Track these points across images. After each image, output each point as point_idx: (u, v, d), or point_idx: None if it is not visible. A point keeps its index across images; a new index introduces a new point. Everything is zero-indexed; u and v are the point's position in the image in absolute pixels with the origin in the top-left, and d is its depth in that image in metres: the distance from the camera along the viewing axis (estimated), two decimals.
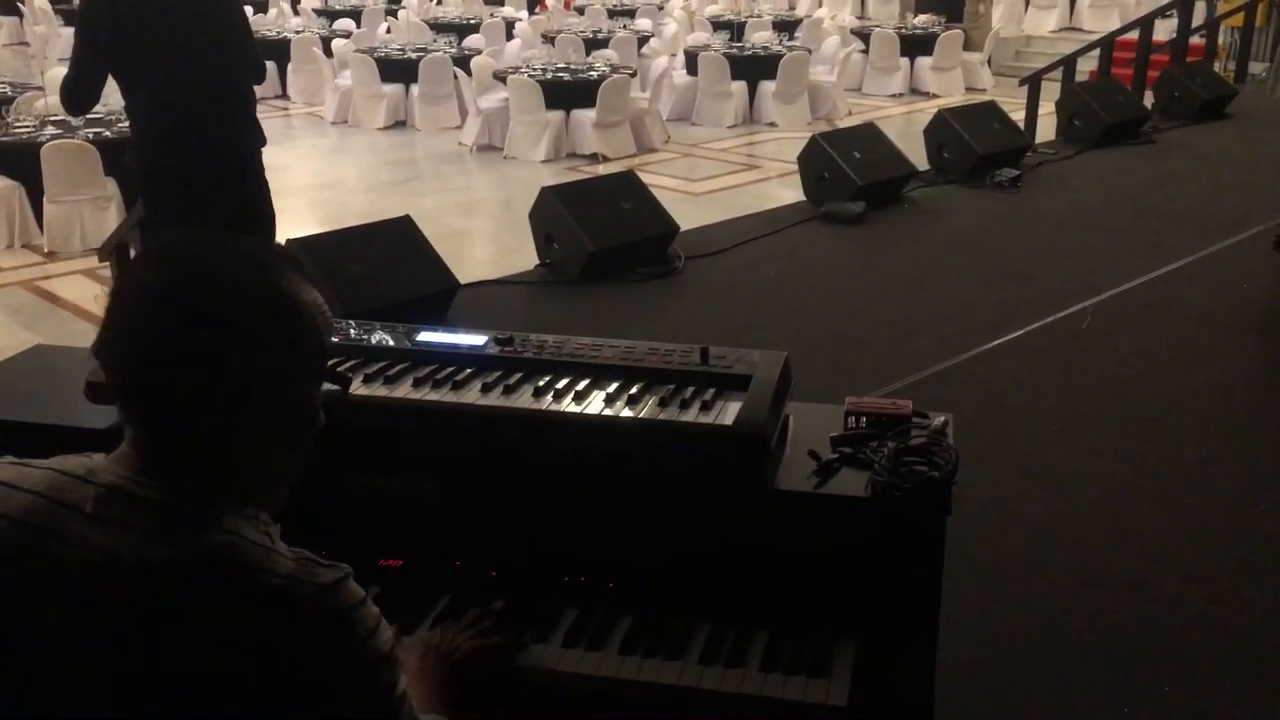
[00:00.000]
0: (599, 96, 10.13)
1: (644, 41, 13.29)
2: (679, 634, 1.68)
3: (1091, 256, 5.98)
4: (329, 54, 12.61)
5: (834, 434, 1.82)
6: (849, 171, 6.81)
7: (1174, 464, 3.75)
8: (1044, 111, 9.54)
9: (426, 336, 1.97)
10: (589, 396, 1.78)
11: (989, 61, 14.24)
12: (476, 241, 8.15)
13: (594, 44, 12.93)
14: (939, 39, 13.51)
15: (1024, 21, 16.25)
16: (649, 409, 1.75)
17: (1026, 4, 16.37)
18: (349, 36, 13.65)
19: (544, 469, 1.76)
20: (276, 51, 12.77)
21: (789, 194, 7.57)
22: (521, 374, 1.85)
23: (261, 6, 16.82)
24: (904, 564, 1.67)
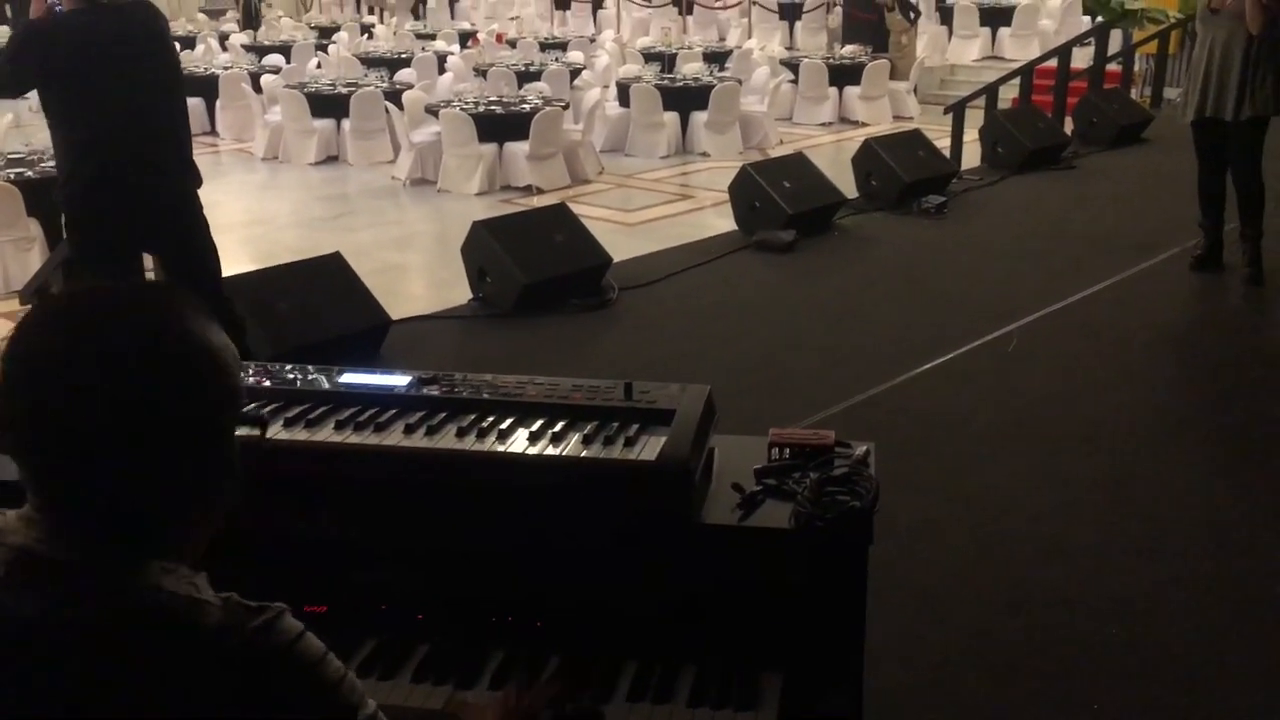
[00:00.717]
0: (532, 129, 10.16)
1: (576, 74, 13.37)
2: (607, 671, 1.68)
3: (1016, 280, 6.12)
4: (258, 90, 12.50)
5: (758, 466, 1.84)
6: (779, 201, 6.91)
7: (1098, 483, 3.83)
8: (969, 138, 9.76)
9: (349, 378, 1.96)
10: (513, 435, 1.78)
11: (915, 90, 14.53)
12: (411, 276, 8.10)
13: (526, 77, 12.97)
14: (866, 69, 13.77)
15: (948, 51, 16.62)
16: (573, 446, 1.75)
17: (950, 34, 16.75)
18: (278, 72, 13.56)
19: (469, 509, 1.76)
20: (204, 88, 12.64)
21: (723, 223, 7.65)
22: (446, 414, 1.85)
23: (189, 43, 16.65)
24: (828, 593, 1.69)
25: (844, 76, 13.97)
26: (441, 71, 13.92)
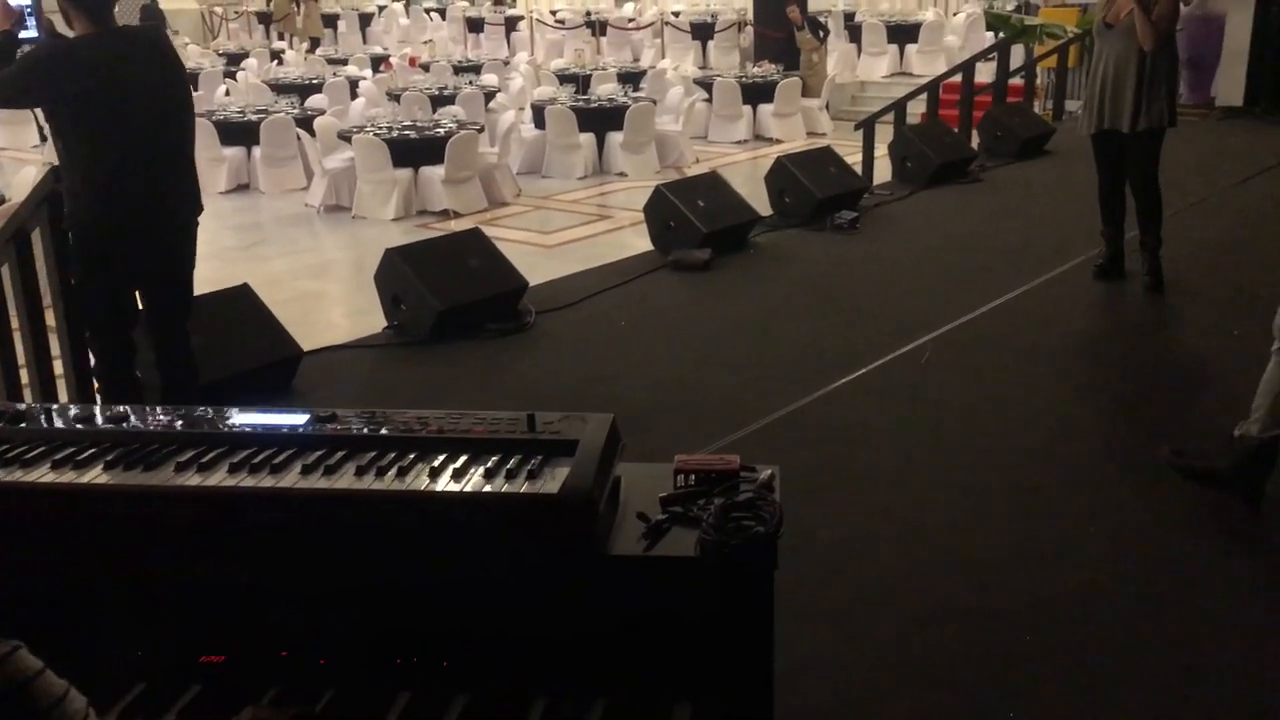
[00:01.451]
0: (447, 153, 10.10)
1: (491, 97, 13.34)
2: (516, 710, 1.65)
3: (928, 293, 6.22)
4: None
5: (663, 494, 1.83)
6: (694, 220, 6.94)
7: (1011, 492, 3.89)
8: (879, 154, 9.93)
9: (244, 418, 1.91)
10: (413, 472, 1.75)
11: (827, 107, 14.76)
12: (328, 304, 7.99)
13: (440, 100, 12.91)
14: (778, 87, 13.96)
15: (858, 67, 16.92)
16: (475, 481, 1.72)
17: (859, 51, 17.06)
18: None
19: (370, 550, 1.72)
20: None
21: (641, 242, 7.67)
22: (344, 453, 1.81)
23: None
24: (735, 620, 1.69)
25: (757, 95, 14.15)
26: (354, 97, 13.79)
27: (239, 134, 11.48)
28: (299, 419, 1.89)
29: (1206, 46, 12.07)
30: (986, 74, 11.99)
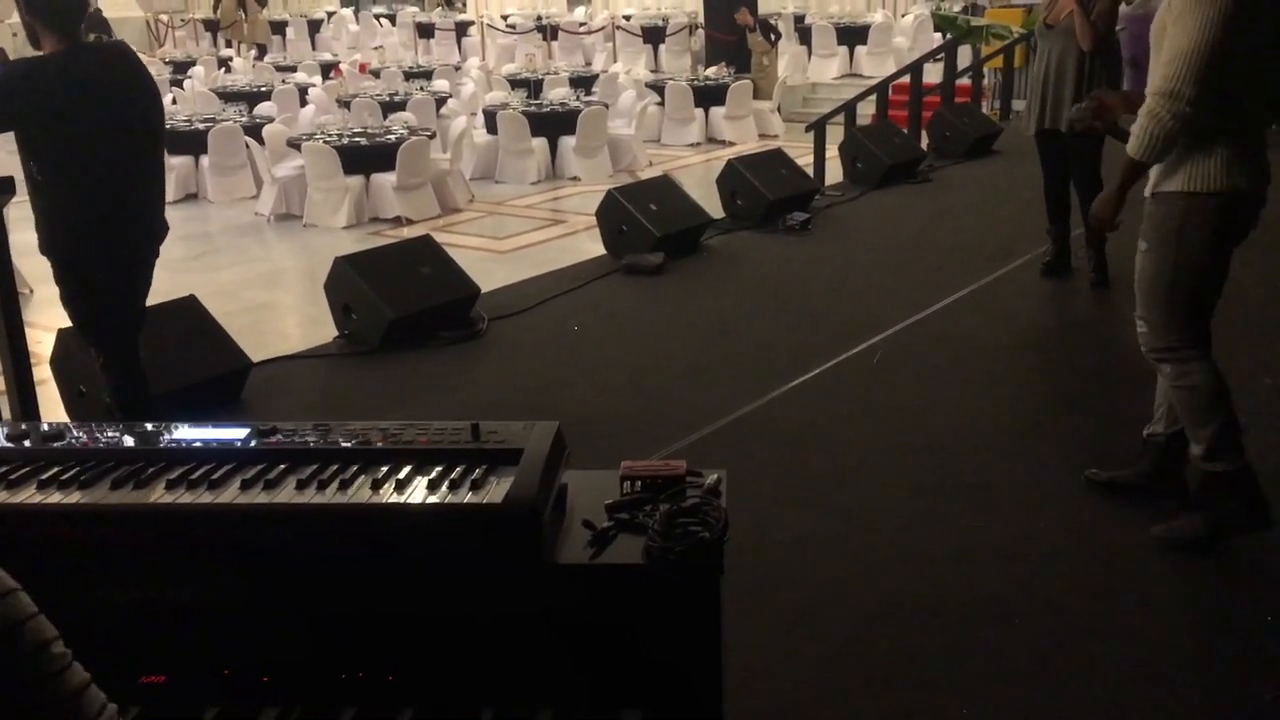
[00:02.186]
0: (398, 159, 10.04)
1: (442, 102, 13.28)
2: None
3: (879, 293, 6.27)
4: None
5: (609, 501, 1.82)
6: (646, 224, 6.95)
7: (961, 490, 3.92)
8: (830, 155, 9.99)
9: (182, 433, 1.88)
10: (355, 484, 1.73)
11: (779, 109, 14.84)
12: (280, 314, 7.92)
13: (391, 107, 12.84)
14: (730, 89, 14.02)
15: (808, 69, 17.04)
16: (418, 493, 1.71)
17: (809, 53, 17.17)
18: None
19: (312, 564, 1.70)
20: None
21: (596, 247, 7.66)
22: (285, 466, 1.79)
23: None
24: (683, 626, 1.68)
25: (709, 97, 14.20)
26: (303, 104, 13.68)
27: (186, 143, 11.34)
28: (239, 433, 1.87)
29: (1148, 45, 12.24)
30: (935, 75, 12.11)
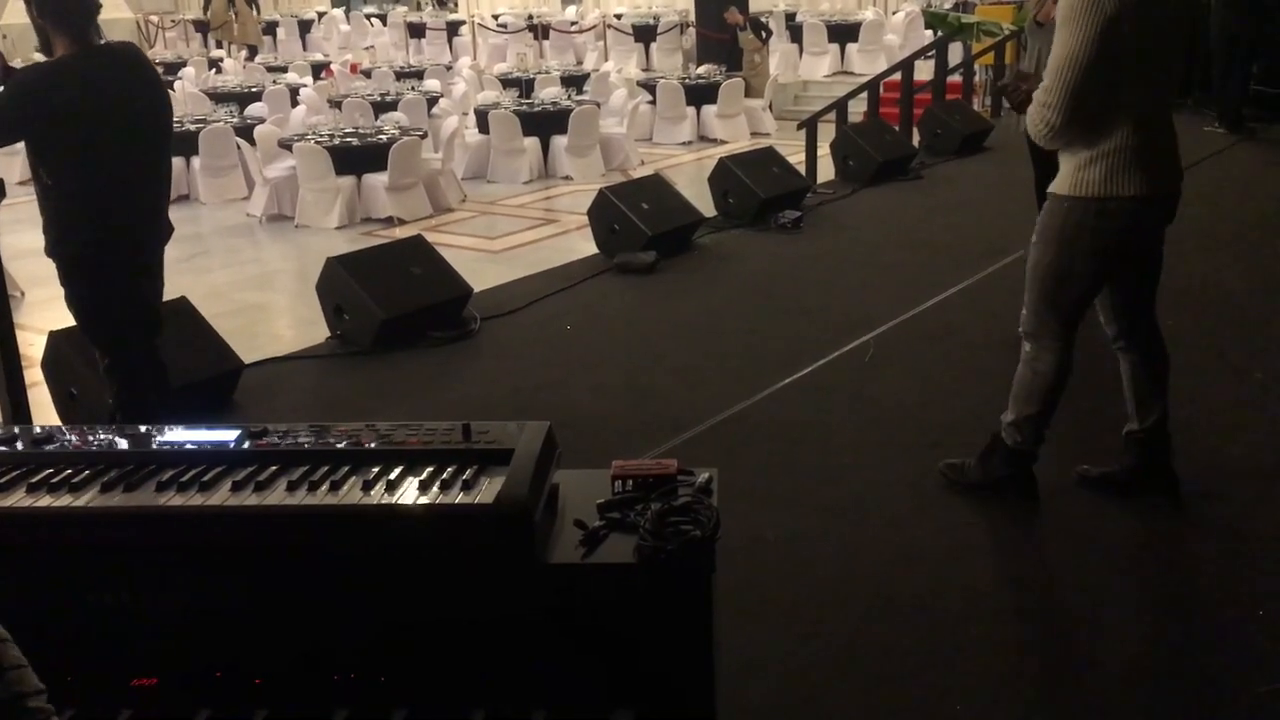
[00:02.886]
0: (390, 159, 10.02)
1: (433, 102, 13.25)
2: None
3: (871, 290, 6.27)
4: None
5: (600, 500, 1.82)
6: (638, 223, 6.95)
7: (954, 487, 3.92)
8: (822, 153, 9.99)
9: (173, 435, 1.88)
10: (346, 485, 1.73)
11: (770, 107, 14.84)
12: (272, 316, 7.90)
13: (382, 107, 12.81)
14: (721, 88, 14.01)
15: (800, 67, 17.03)
16: (409, 494, 1.71)
17: (801, 51, 17.17)
18: None
19: (303, 565, 1.70)
20: None
21: (588, 246, 7.64)
22: (276, 468, 1.79)
23: None
24: (675, 625, 1.69)
25: (701, 96, 14.19)
26: (294, 104, 13.65)
27: (177, 144, 11.24)
28: (230, 434, 1.87)
29: None
30: (926, 72, 12.12)
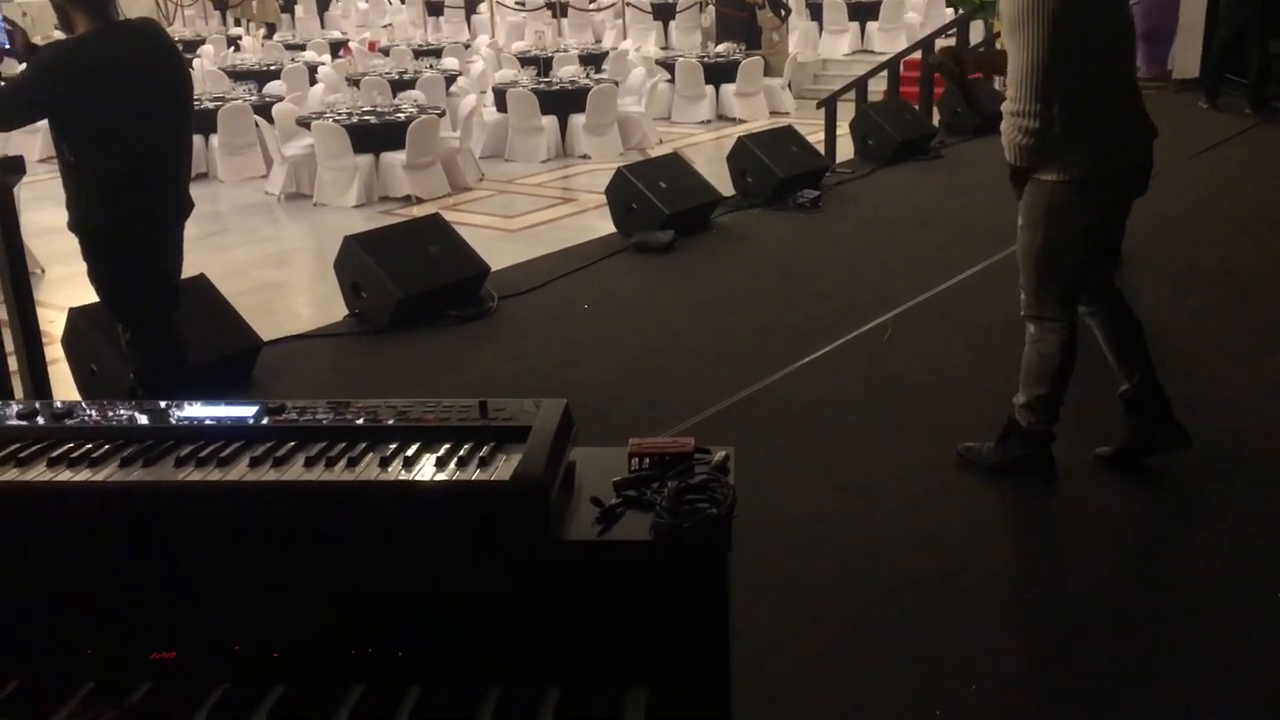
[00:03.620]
0: (408, 138, 10.02)
1: (451, 81, 13.23)
2: (469, 700, 1.64)
3: (889, 270, 6.24)
4: None
5: (617, 478, 1.82)
6: (656, 202, 6.93)
7: (970, 468, 3.91)
8: (841, 132, 9.93)
9: (191, 411, 1.88)
10: (363, 462, 1.73)
11: (789, 85, 14.75)
12: (291, 294, 7.92)
13: (400, 85, 12.79)
14: (740, 66, 13.93)
15: (819, 46, 16.91)
16: (426, 470, 1.71)
17: (820, 29, 17.05)
18: None
19: (320, 541, 1.70)
20: None
21: (606, 225, 7.64)
22: (294, 444, 1.79)
23: None
24: (691, 603, 1.68)
25: (719, 74, 14.12)
26: (313, 83, 13.65)
27: (196, 122, 11.24)
28: (248, 410, 1.87)
29: (1163, 19, 12.14)
30: None
